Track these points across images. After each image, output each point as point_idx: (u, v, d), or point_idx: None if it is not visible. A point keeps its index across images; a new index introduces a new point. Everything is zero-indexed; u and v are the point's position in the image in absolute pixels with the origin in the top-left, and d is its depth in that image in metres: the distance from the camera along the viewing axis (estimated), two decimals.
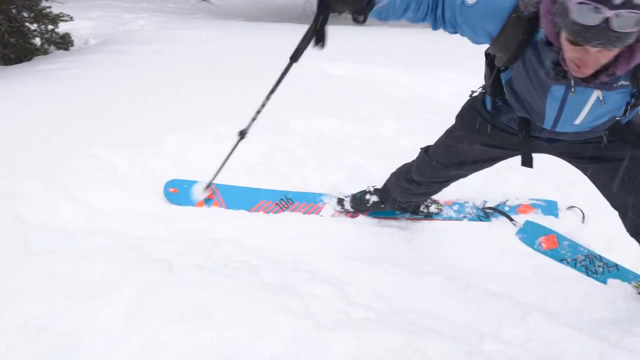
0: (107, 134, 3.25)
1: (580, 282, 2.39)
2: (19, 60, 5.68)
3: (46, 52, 6.01)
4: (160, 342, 1.72)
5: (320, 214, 2.82)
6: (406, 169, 2.53)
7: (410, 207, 2.76)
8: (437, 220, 2.82)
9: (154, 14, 8.85)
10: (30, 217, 2.40)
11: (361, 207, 2.80)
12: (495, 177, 2.88)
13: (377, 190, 2.76)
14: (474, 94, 2.11)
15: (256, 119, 2.30)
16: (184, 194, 2.77)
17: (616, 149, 1.88)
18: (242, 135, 2.41)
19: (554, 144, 1.95)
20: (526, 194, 2.94)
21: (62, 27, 6.11)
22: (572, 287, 2.33)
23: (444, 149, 2.26)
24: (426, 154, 2.36)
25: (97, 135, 3.22)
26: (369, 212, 2.81)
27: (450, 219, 2.83)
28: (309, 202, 2.86)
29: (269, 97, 2.24)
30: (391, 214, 2.81)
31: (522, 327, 2.04)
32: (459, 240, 2.64)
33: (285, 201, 2.86)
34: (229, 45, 6.12)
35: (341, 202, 2.85)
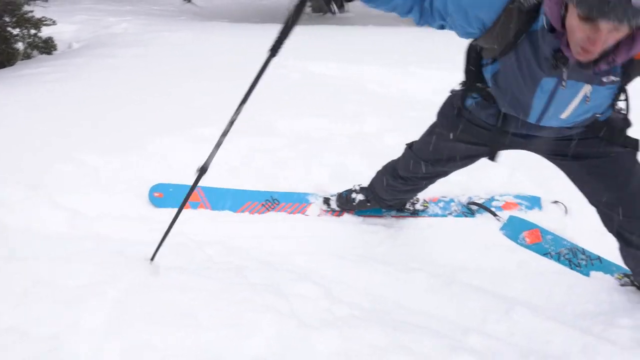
0: (91, 137, 3.22)
1: (563, 275, 2.42)
2: (1, 65, 5.63)
3: (29, 56, 5.97)
4: (144, 345, 1.71)
5: (305, 213, 2.82)
6: (392, 165, 2.54)
7: (396, 205, 2.77)
8: (422, 217, 2.83)
9: (138, 16, 8.81)
10: (12, 223, 2.37)
11: (347, 205, 2.80)
12: (477, 173, 2.89)
13: (363, 188, 2.77)
14: (454, 91, 2.11)
15: (234, 121, 2.00)
16: (169, 197, 2.76)
17: (591, 146, 1.89)
18: (203, 171, 2.06)
19: (530, 140, 1.96)
20: (509, 190, 2.97)
21: (45, 31, 6.08)
22: (555, 280, 2.36)
23: (427, 145, 2.27)
24: (411, 149, 2.37)
25: (81, 139, 3.19)
26: (355, 210, 2.82)
27: (436, 216, 2.84)
28: (294, 202, 2.86)
29: (247, 97, 1.97)
30: (377, 212, 2.82)
31: (507, 322, 2.05)
32: (444, 236, 2.66)
33: (271, 202, 2.86)
34: (214, 46, 6.11)
35: (327, 202, 2.85)
